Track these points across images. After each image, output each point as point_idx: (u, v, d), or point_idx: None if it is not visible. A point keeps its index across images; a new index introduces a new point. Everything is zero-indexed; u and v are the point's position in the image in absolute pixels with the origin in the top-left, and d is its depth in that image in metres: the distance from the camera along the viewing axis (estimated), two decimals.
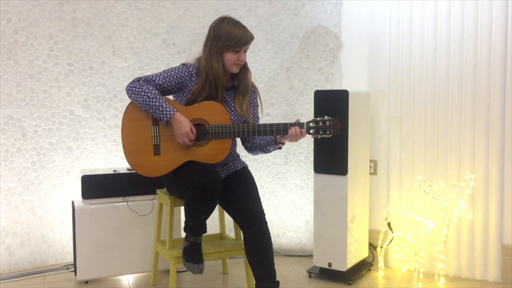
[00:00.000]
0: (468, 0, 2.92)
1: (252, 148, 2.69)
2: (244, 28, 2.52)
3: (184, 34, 3.46)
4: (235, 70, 2.56)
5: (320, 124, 2.48)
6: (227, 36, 2.48)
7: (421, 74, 3.10)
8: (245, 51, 2.55)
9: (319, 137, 2.51)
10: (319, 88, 3.33)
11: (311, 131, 2.49)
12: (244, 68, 2.61)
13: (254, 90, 2.69)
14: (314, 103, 2.97)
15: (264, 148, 2.64)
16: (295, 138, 2.48)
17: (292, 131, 2.46)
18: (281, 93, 3.53)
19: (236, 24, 2.52)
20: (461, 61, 2.98)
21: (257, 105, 2.71)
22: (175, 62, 3.37)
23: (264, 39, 3.50)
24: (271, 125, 2.48)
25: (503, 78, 2.88)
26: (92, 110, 3.33)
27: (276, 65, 3.52)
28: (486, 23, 2.89)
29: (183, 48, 3.46)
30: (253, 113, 2.67)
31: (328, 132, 2.48)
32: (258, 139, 2.65)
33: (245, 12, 3.48)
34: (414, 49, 3.11)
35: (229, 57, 2.51)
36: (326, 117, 2.49)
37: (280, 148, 2.61)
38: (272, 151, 2.64)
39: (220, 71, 2.50)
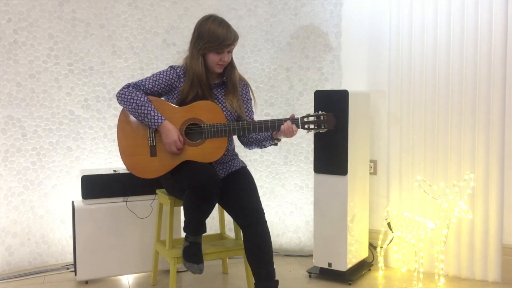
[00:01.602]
0: (468, 0, 2.92)
1: (248, 143, 2.69)
2: (228, 28, 2.50)
3: (184, 34, 3.45)
4: (218, 70, 2.56)
5: (315, 119, 2.48)
6: (209, 37, 2.47)
7: (421, 74, 3.10)
8: (229, 52, 2.54)
9: (313, 132, 2.50)
10: (319, 88, 3.34)
11: (306, 126, 2.48)
12: (230, 66, 2.61)
13: (245, 84, 2.69)
14: (314, 103, 2.97)
15: (260, 143, 2.64)
16: (289, 134, 2.47)
17: (284, 126, 2.45)
18: (281, 93, 3.53)
19: (220, 24, 2.50)
20: (461, 61, 2.97)
21: (250, 99, 2.71)
22: (175, 62, 3.34)
23: (264, 39, 3.50)
24: (265, 121, 2.48)
25: (503, 78, 2.88)
26: (92, 110, 3.34)
27: (276, 65, 3.52)
28: (486, 23, 2.89)
29: (183, 48, 3.43)
30: (247, 108, 2.68)
31: (322, 127, 2.48)
32: (254, 134, 2.65)
33: (245, 12, 3.48)
34: (414, 49, 3.11)
35: (212, 58, 2.51)
36: (320, 112, 2.49)
37: (276, 144, 2.61)
38: (268, 146, 2.65)
39: (201, 72, 2.51)
